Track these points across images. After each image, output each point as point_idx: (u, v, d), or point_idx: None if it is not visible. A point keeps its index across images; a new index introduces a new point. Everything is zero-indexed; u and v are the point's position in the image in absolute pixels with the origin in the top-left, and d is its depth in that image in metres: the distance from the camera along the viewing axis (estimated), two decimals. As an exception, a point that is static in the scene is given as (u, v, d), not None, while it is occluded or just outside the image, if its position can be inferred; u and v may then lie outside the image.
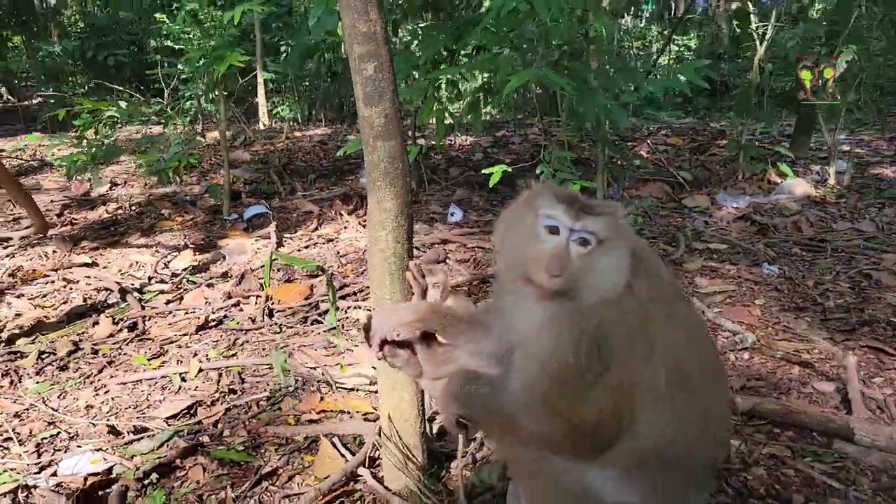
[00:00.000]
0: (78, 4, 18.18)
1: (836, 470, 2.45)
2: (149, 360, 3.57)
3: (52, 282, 4.73)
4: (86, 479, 2.50)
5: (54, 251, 5.34)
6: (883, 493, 2.33)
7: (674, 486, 1.84)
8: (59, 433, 2.89)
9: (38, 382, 3.35)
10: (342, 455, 2.63)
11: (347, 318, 4.09)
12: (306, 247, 5.47)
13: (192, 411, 3.05)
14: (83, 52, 13.70)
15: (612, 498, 1.81)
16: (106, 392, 3.23)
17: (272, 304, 4.30)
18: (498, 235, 1.92)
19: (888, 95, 10.60)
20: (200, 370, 3.41)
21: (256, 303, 4.34)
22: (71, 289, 4.66)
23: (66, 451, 2.75)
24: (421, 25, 5.74)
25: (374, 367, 3.18)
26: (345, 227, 5.89)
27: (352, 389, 3.21)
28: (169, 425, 2.91)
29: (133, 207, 6.57)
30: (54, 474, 2.58)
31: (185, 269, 4.97)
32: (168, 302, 4.44)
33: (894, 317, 3.79)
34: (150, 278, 4.81)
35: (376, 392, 2.91)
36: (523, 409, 1.78)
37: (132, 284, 4.67)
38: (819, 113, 6.87)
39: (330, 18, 5.11)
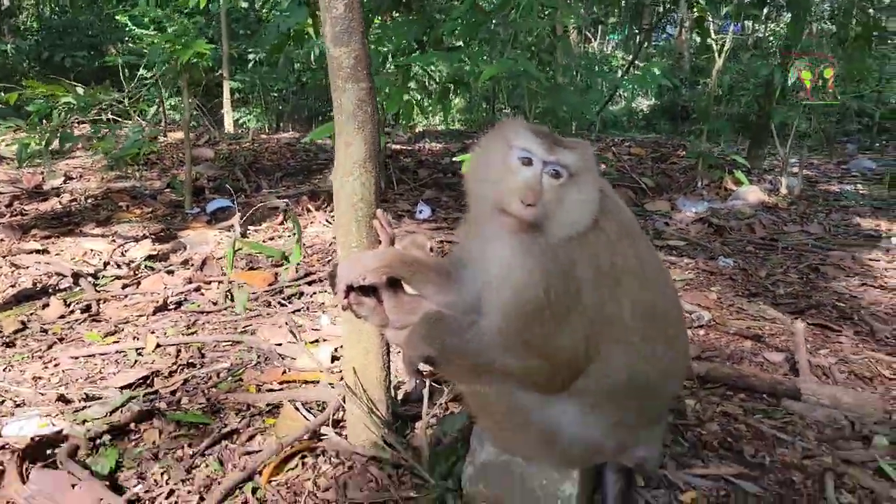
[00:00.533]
0: (34, 7, 17.85)
1: (785, 424, 2.57)
2: (103, 337, 3.48)
3: (-1, 267, 4.58)
4: (32, 440, 2.42)
5: (1, 239, 5.16)
6: (826, 443, 2.45)
7: (631, 422, 1.87)
8: (3, 401, 2.78)
9: (-20, 358, 3.23)
10: (305, 418, 2.60)
11: (313, 301, 4.06)
12: (271, 238, 5.42)
13: (148, 381, 2.97)
14: (38, 53, 13.39)
15: (573, 431, 1.84)
16: (56, 365, 3.13)
17: (235, 288, 4.24)
18: (471, 168, 1.94)
19: (836, 124, 11.14)
20: (158, 346, 3.33)
21: (218, 288, 4.28)
22: (20, 273, 4.50)
23: (11, 416, 2.65)
24: (391, 19, 5.80)
25: (335, 323, 3.16)
26: (311, 222, 5.85)
27: (316, 367, 3.18)
28: (123, 394, 2.83)
29: (89, 200, 6.41)
30: (-1, 436, 2.48)
31: (143, 258, 4.86)
32: (125, 286, 4.33)
33: (839, 302, 3.98)
34: (105, 264, 4.70)
35: (339, 371, 2.90)
36: (496, 343, 1.80)
37: (86, 271, 4.55)
38: (773, 126, 7.17)
39: (299, 10, 5.14)
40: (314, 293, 4.20)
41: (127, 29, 11.31)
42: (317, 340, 3.41)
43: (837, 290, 4.24)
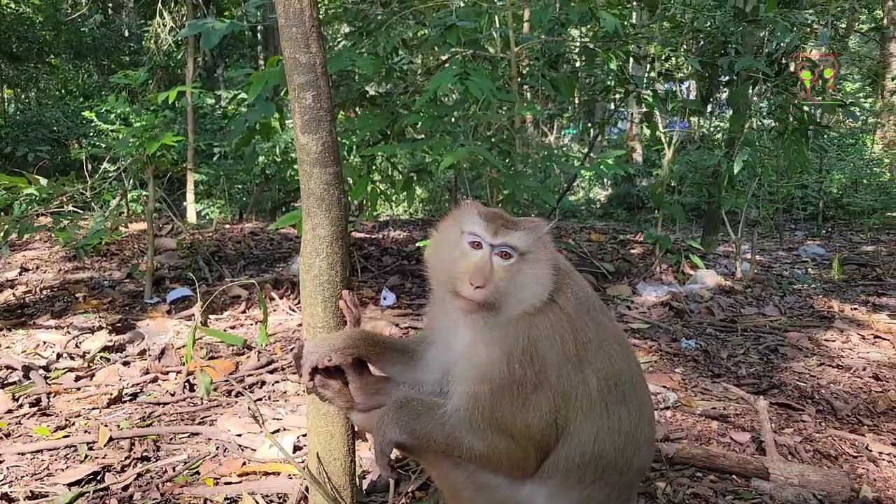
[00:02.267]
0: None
1: (756, 505, 2.53)
2: (52, 431, 3.31)
3: (-54, 359, 4.38)
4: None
5: (-50, 331, 4.97)
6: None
7: (601, 500, 1.85)
8: (-58, 501, 2.61)
9: (-79, 455, 3.04)
10: (265, 511, 2.49)
11: (274, 390, 3.96)
12: (233, 327, 5.32)
13: (98, 477, 2.82)
14: (1, 148, 13.39)
15: (545, 512, 1.80)
16: (0, 462, 2.95)
17: (193, 378, 4.12)
18: (429, 254, 1.99)
19: (784, 212, 11.73)
20: (111, 439, 3.18)
21: (176, 379, 4.15)
22: (-33, 367, 4.32)
23: (-51, 519, 2.47)
24: (357, 111, 6.01)
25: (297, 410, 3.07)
26: (274, 310, 5.78)
27: (277, 458, 3.06)
28: (71, 491, 2.68)
29: (44, 291, 6.25)
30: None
31: (98, 350, 4.71)
32: (78, 379, 4.17)
33: (799, 381, 4.05)
34: (58, 356, 4.53)
35: (302, 461, 2.80)
36: (466, 425, 1.78)
37: (38, 363, 4.38)
38: (724, 214, 7.51)
39: (266, 105, 5.29)
40: (276, 381, 4.10)
41: (93, 124, 11.47)
42: (278, 430, 3.31)
43: (797, 369, 4.32)
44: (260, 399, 3.78)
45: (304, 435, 3.13)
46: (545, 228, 1.87)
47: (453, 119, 4.82)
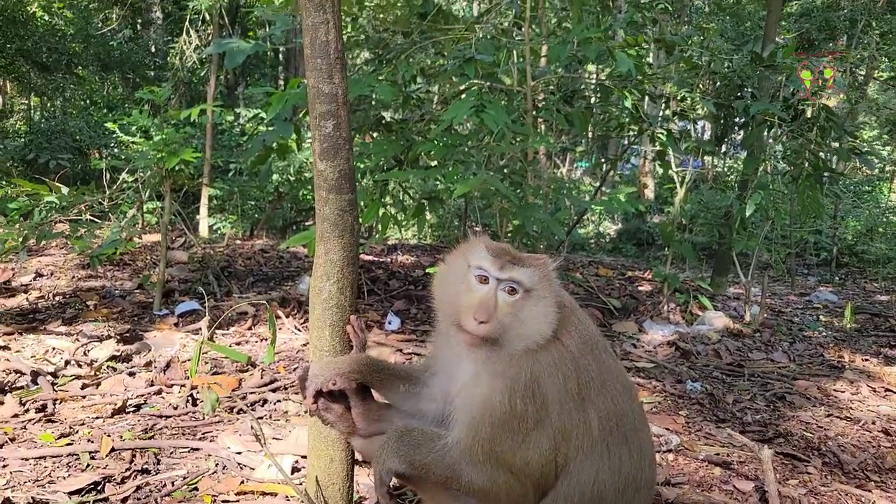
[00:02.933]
0: (26, 111, 18.39)
1: (758, 556, 2.49)
2: (56, 438, 3.34)
3: (-42, 361, 4.43)
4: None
5: (-38, 334, 5.03)
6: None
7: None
8: (-57, 503, 2.63)
9: (-75, 455, 3.06)
10: (261, 533, 2.48)
11: (276, 409, 3.97)
12: (238, 343, 5.35)
13: (98, 487, 2.83)
14: (24, 154, 13.62)
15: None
16: (4, 466, 2.97)
17: (197, 392, 4.13)
18: (435, 286, 2.02)
19: (797, 257, 11.70)
20: (113, 449, 3.19)
21: (180, 392, 4.17)
22: (-23, 370, 4.36)
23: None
24: (373, 136, 6.10)
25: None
26: (280, 329, 5.80)
27: (276, 478, 3.06)
28: (71, 500, 2.69)
29: (57, 298, 6.32)
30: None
31: (106, 359, 4.75)
32: (84, 387, 4.20)
33: (806, 432, 4.00)
34: (66, 363, 4.57)
35: (300, 482, 2.80)
36: (465, 457, 1.79)
37: (46, 369, 4.42)
38: (735, 256, 7.50)
39: (285, 126, 5.38)
40: (278, 401, 4.11)
41: (114, 135, 11.67)
42: (277, 452, 3.30)
43: (804, 419, 4.27)
44: (261, 418, 3.79)
45: (304, 457, 3.13)
46: (551, 266, 1.89)
47: (467, 149, 4.88)
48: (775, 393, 4.81)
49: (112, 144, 13.95)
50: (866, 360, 5.87)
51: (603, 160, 12.69)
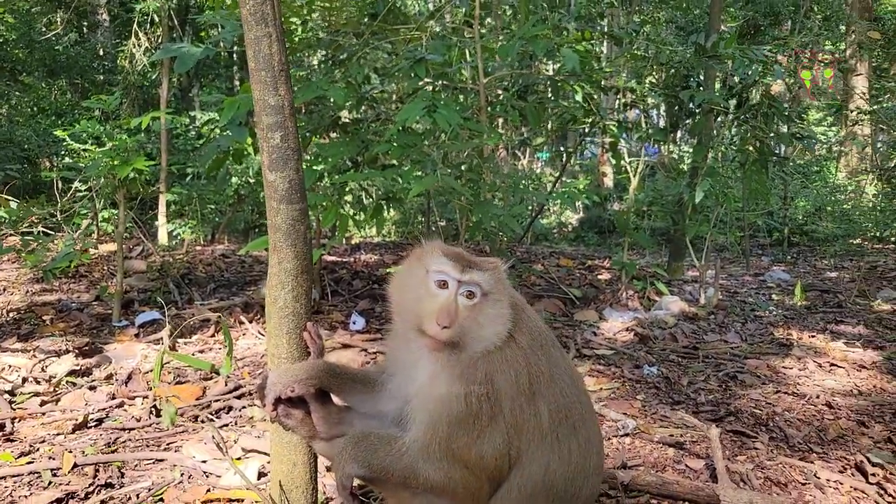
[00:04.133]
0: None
1: (706, 531, 2.62)
2: (16, 457, 3.30)
3: None
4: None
5: (-88, 354, 4.90)
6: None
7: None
8: None
9: None
10: (227, 539, 2.52)
11: (241, 416, 3.98)
12: (201, 351, 5.32)
13: (62, 504, 2.83)
14: (-32, 166, 13.19)
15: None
16: (-38, 489, 2.95)
17: (160, 404, 4.12)
18: (393, 291, 2.08)
19: (751, 238, 12.05)
20: (75, 465, 3.18)
21: (143, 403, 4.15)
22: (-71, 392, 4.27)
23: None
24: (329, 137, 6.11)
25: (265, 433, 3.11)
26: (243, 334, 5.80)
27: (242, 485, 3.09)
28: (34, 519, 2.69)
29: (11, 314, 6.19)
30: None
31: (65, 374, 4.68)
32: (43, 403, 4.14)
33: (755, 409, 4.18)
34: (23, 380, 4.50)
35: (262, 489, 2.84)
36: (423, 456, 1.86)
37: (2, 387, 4.34)
38: (689, 241, 7.72)
39: (239, 130, 5.35)
40: (243, 407, 4.12)
41: (64, 143, 11.38)
42: (241, 457, 3.34)
43: (754, 397, 4.46)
44: (227, 425, 3.80)
45: (270, 461, 3.17)
46: (504, 268, 1.97)
47: (423, 148, 4.94)
48: (727, 373, 5.00)
49: (62, 153, 13.60)
50: (813, 336, 6.13)
51: (562, 150, 12.86)
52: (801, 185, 16.35)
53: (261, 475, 3.10)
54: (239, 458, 3.32)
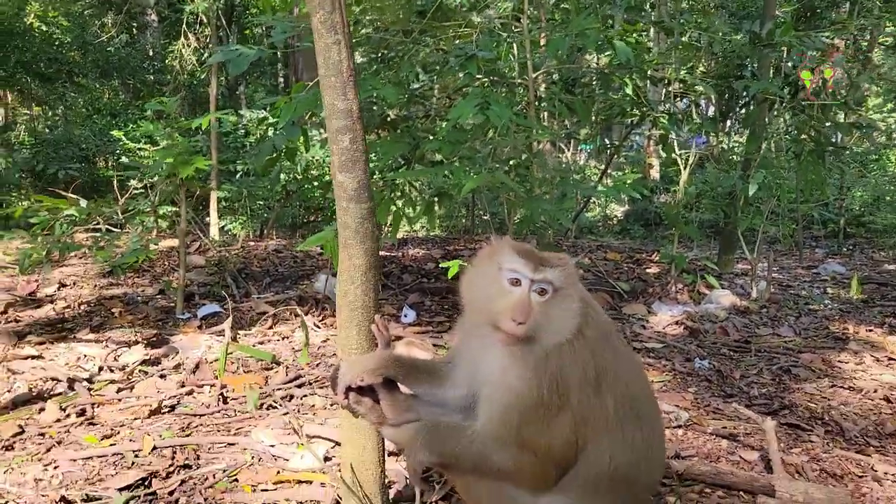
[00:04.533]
0: (28, 122, 18.57)
1: (762, 521, 2.67)
2: (100, 439, 3.54)
3: (-4, 372, 4.64)
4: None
5: (-3, 345, 5.24)
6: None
7: (617, 510, 2.01)
8: (6, 503, 2.83)
9: (-19, 462, 3.28)
10: (300, 518, 2.68)
11: (303, 404, 4.16)
12: (261, 343, 5.54)
13: (146, 483, 3.03)
14: (33, 166, 13.81)
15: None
16: (56, 468, 3.18)
17: (227, 392, 4.33)
18: (464, 288, 2.17)
19: (805, 230, 11.76)
20: (154, 447, 3.40)
21: (210, 391, 4.37)
22: (15, 379, 4.58)
23: (13, 521, 2.70)
24: (379, 134, 6.26)
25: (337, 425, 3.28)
26: (299, 327, 6.00)
27: (309, 467, 3.26)
28: (123, 495, 2.89)
29: (82, 307, 6.53)
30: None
31: (136, 363, 4.95)
32: (119, 390, 4.41)
33: (810, 402, 4.16)
34: (99, 369, 4.78)
35: (329, 471, 3.00)
36: (492, 444, 1.96)
37: (81, 375, 4.63)
38: (741, 233, 7.62)
39: (293, 129, 5.52)
40: (304, 395, 4.30)
41: (120, 143, 11.83)
42: (305, 443, 3.50)
43: (808, 391, 4.43)
44: (288, 412, 3.98)
45: (334, 446, 3.33)
46: (573, 263, 2.05)
47: (472, 144, 5.03)
48: (781, 367, 4.97)
49: (118, 151, 14.17)
50: (871, 330, 6.01)
51: (607, 143, 12.75)
52: (859, 174, 15.83)
53: (326, 459, 3.25)
54: (302, 444, 3.48)
